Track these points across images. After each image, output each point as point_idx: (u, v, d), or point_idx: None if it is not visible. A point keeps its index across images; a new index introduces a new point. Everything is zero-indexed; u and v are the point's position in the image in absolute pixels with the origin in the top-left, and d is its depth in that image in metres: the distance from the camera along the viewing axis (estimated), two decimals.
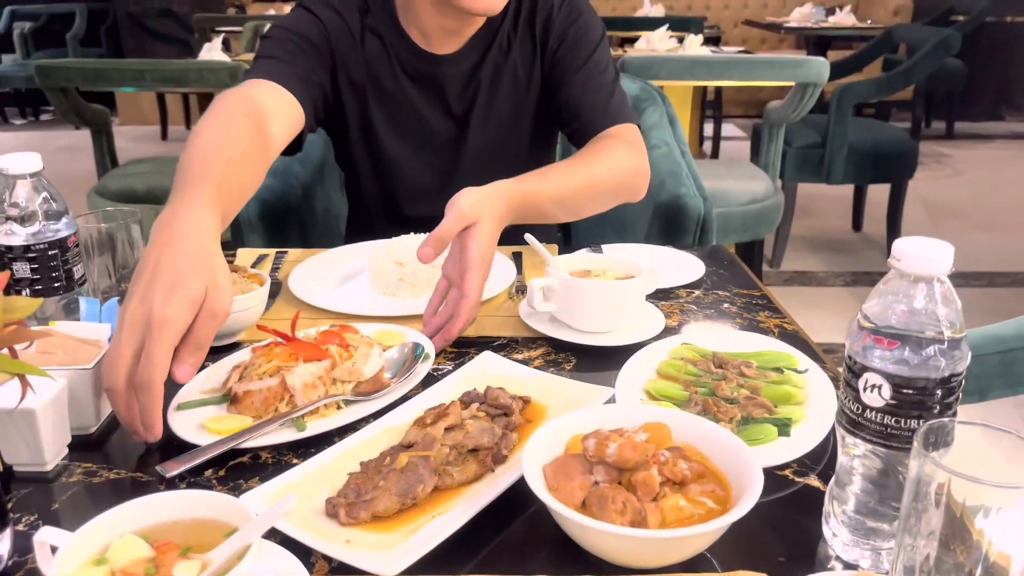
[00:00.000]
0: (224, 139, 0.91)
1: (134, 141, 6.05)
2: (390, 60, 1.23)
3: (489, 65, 1.24)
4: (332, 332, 0.84)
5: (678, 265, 1.15)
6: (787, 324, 0.99)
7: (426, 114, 1.26)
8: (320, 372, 0.77)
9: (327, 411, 0.76)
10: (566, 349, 0.92)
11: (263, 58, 1.14)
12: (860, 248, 3.77)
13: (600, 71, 1.23)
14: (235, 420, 0.74)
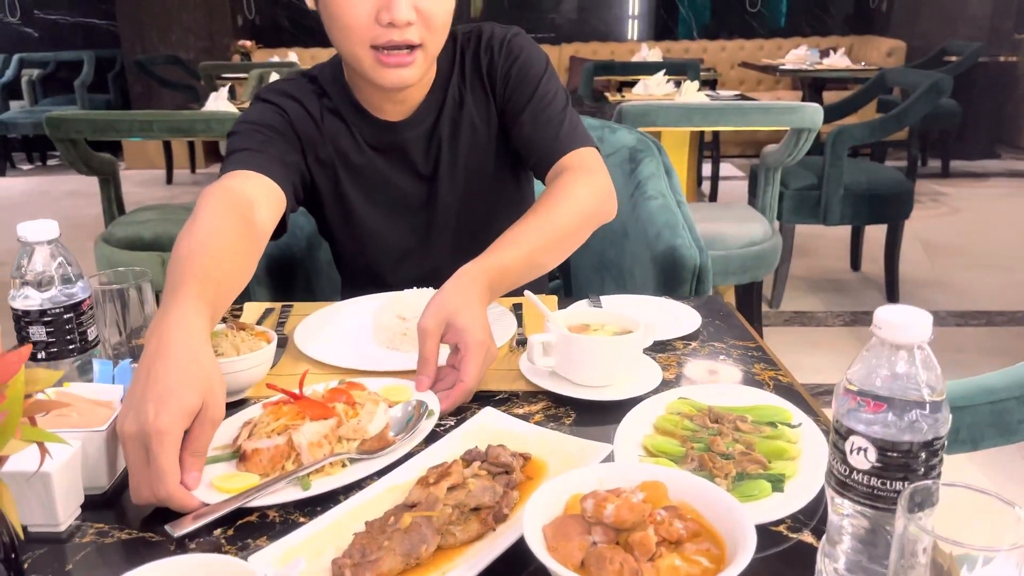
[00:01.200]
0: (209, 236, 0.94)
1: (140, 185, 6.13)
2: (352, 135, 1.27)
3: (446, 122, 1.28)
4: (339, 390, 0.88)
5: (675, 317, 1.18)
6: (782, 376, 1.01)
7: (395, 180, 1.29)
8: (326, 431, 0.80)
9: (332, 469, 0.78)
10: (566, 403, 0.94)
11: (235, 152, 1.17)
12: (859, 288, 3.80)
13: (548, 103, 1.25)
14: (243, 478, 0.76)
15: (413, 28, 1.11)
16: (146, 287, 0.99)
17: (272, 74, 4.19)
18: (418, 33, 1.12)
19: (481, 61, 1.28)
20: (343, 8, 1.10)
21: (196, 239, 0.94)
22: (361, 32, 1.11)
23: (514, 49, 1.27)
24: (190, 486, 0.72)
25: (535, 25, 7.57)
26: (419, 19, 1.11)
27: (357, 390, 0.88)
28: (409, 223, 1.33)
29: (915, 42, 6.91)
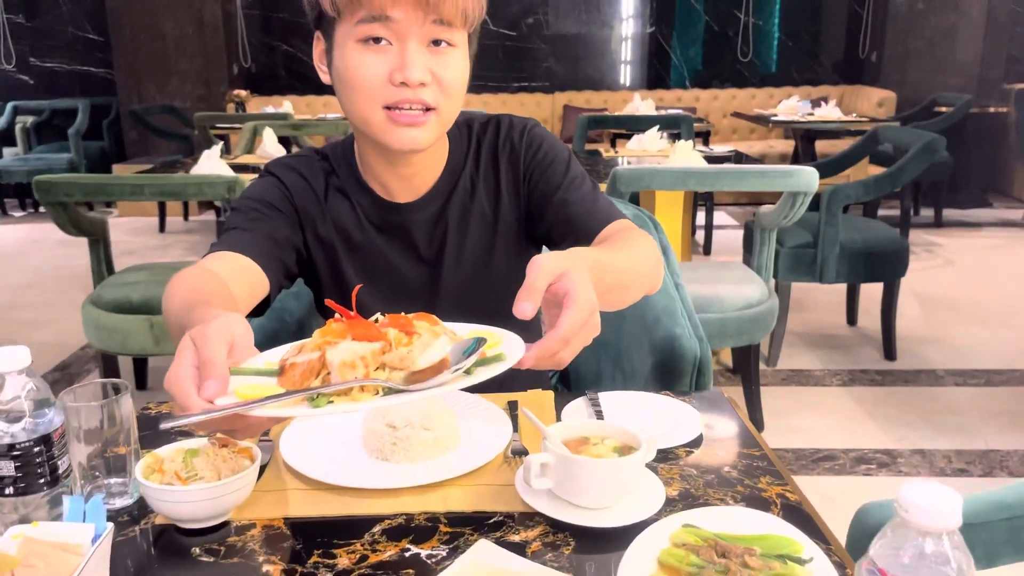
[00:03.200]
0: (196, 289, 0.99)
1: (132, 234, 6.10)
2: (356, 214, 1.25)
3: (455, 207, 1.26)
4: (399, 318, 0.81)
5: (676, 420, 1.14)
6: (789, 493, 0.97)
7: (397, 262, 1.27)
8: (365, 352, 0.73)
9: (361, 395, 0.71)
10: (564, 529, 0.89)
11: (228, 231, 1.19)
12: (856, 344, 3.77)
13: (579, 183, 1.26)
14: (267, 390, 0.73)
15: (427, 90, 1.10)
16: (124, 400, 0.95)
17: (266, 128, 4.18)
18: (432, 95, 1.11)
19: (500, 152, 1.27)
20: (356, 71, 1.09)
21: (184, 298, 0.97)
22: (374, 92, 1.10)
23: (536, 138, 1.28)
24: (207, 394, 0.69)
25: (529, 74, 7.64)
26: (433, 82, 1.10)
27: (427, 318, 0.81)
28: (409, 307, 1.29)
29: (905, 92, 6.99)
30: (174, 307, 0.96)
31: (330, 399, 0.70)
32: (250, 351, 0.75)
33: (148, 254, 5.47)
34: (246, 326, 0.76)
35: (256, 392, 0.71)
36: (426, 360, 0.72)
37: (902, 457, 2.71)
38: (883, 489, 2.51)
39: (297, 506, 0.94)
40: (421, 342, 0.75)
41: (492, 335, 0.81)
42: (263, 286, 1.15)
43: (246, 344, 0.74)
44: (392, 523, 0.91)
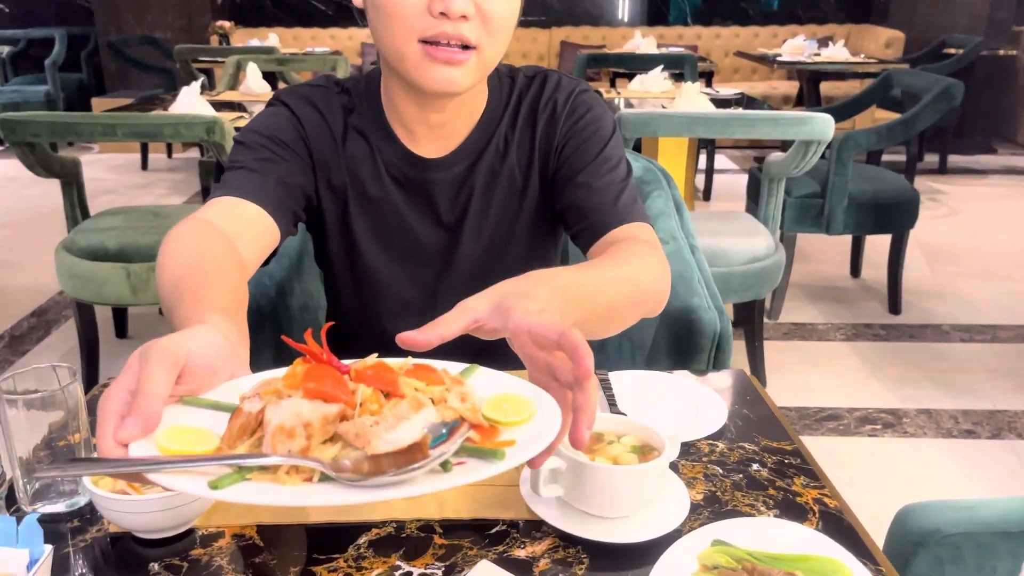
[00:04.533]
0: (193, 265, 0.84)
1: (112, 172, 5.90)
2: (375, 162, 1.11)
3: (484, 169, 1.12)
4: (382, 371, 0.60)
5: (697, 407, 1.02)
6: (828, 498, 0.86)
7: (413, 223, 1.14)
8: (312, 417, 0.54)
9: (291, 478, 0.53)
10: (576, 543, 0.79)
11: (231, 170, 1.04)
12: (859, 297, 3.67)
13: (610, 168, 1.10)
14: (203, 439, 0.57)
15: (469, 25, 0.95)
16: (74, 388, 0.83)
17: (250, 63, 3.97)
18: (474, 32, 0.95)
19: (540, 112, 1.12)
20: None
21: (179, 266, 0.84)
22: (410, 22, 0.95)
23: (581, 104, 1.12)
24: (120, 437, 0.55)
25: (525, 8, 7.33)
26: (477, 16, 0.95)
27: (425, 374, 0.62)
28: (419, 274, 1.17)
29: (913, 33, 6.76)
30: (166, 286, 0.82)
31: (247, 475, 0.53)
32: (212, 376, 0.62)
33: (129, 194, 5.28)
34: (215, 343, 0.63)
35: (185, 440, 0.56)
36: (391, 441, 0.53)
37: (908, 417, 2.64)
38: (890, 452, 2.44)
39: (272, 510, 0.83)
40: (396, 411, 0.56)
41: (523, 402, 0.61)
42: (273, 239, 1.02)
43: (205, 367, 0.61)
44: (380, 532, 0.81)
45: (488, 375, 0.66)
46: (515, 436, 0.57)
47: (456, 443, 0.54)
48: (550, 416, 0.59)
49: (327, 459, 0.53)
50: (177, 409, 0.59)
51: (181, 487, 0.51)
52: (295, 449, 0.53)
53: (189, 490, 0.50)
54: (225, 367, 0.63)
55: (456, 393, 0.60)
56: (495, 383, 0.64)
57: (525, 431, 0.58)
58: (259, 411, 0.56)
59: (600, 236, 1.06)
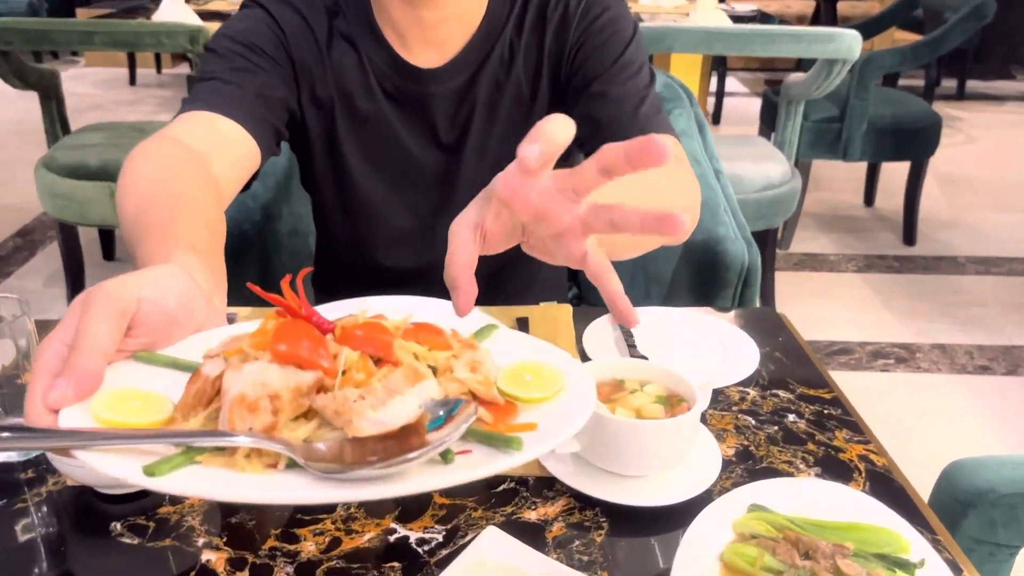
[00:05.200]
0: (157, 192, 0.73)
1: (99, 87, 5.67)
2: (364, 72, 0.98)
3: (486, 81, 0.99)
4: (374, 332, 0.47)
5: (724, 347, 0.93)
6: (874, 455, 0.77)
7: (408, 143, 1.02)
8: (281, 387, 0.43)
9: (250, 463, 0.42)
10: (594, 505, 0.70)
11: (204, 80, 0.91)
12: (873, 226, 3.55)
13: (631, 74, 0.98)
14: (153, 405, 0.46)
15: None
16: (22, 322, 0.73)
17: None
18: None
19: (550, 13, 0.98)
20: None
21: (144, 190, 0.73)
22: None
23: (597, 4, 0.98)
24: (49, 401, 0.44)
25: None
26: None
27: (429, 338, 0.50)
28: (416, 200, 1.05)
29: None
30: (128, 218, 0.71)
31: (196, 457, 0.42)
32: (172, 327, 0.51)
33: (116, 110, 5.08)
34: (177, 287, 0.52)
35: (128, 408, 0.45)
36: (378, 421, 0.42)
37: (921, 352, 2.56)
38: (903, 388, 2.37)
39: None
40: (387, 383, 0.45)
41: (549, 374, 0.50)
42: (253, 160, 0.90)
43: (162, 316, 0.50)
44: None
45: (509, 338, 0.55)
46: (537, 418, 0.46)
47: (460, 427, 0.42)
48: (583, 393, 0.48)
49: (297, 440, 0.42)
50: (126, 368, 0.48)
51: (110, 470, 0.40)
52: (257, 426, 0.42)
53: (117, 474, 0.40)
54: (190, 316, 0.52)
55: (466, 361, 0.48)
56: (517, 348, 0.53)
57: (550, 411, 0.47)
58: (217, 376, 0.45)
59: None
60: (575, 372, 0.50)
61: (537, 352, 0.53)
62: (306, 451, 0.41)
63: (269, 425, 0.42)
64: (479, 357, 0.49)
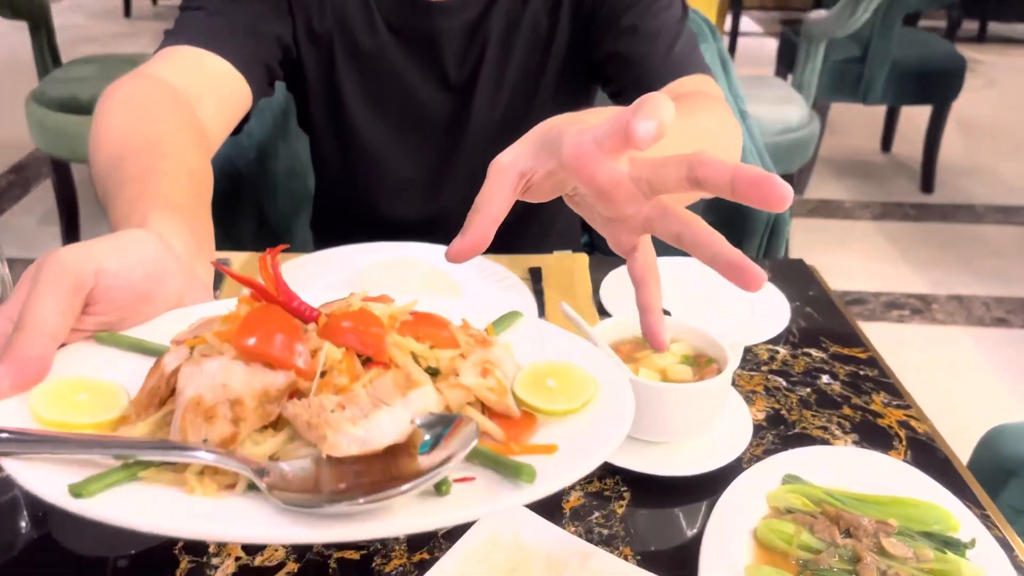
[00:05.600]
0: (133, 143, 0.65)
1: (93, 18, 5.51)
2: (366, 5, 0.90)
3: (499, 16, 0.91)
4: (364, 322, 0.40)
5: (751, 303, 0.86)
6: (915, 421, 0.71)
7: (414, 84, 0.94)
8: (247, 392, 0.36)
9: (203, 484, 0.35)
10: (615, 473, 0.64)
11: (189, 10, 0.83)
12: (890, 173, 3.45)
13: (664, 6, 0.89)
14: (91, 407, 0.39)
15: None
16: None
17: None
18: None
19: None
20: None
21: (119, 138, 0.66)
22: None
23: None
24: None
25: None
26: None
27: (432, 331, 0.42)
28: (421, 147, 0.98)
29: None
30: (101, 169, 0.64)
31: (139, 473, 0.35)
32: (141, 303, 0.45)
33: (110, 43, 4.93)
34: (147, 257, 0.45)
35: (73, 405, 0.38)
36: (360, 438, 0.35)
37: (937, 303, 2.50)
38: (918, 339, 2.31)
39: None
40: (375, 389, 0.37)
41: (578, 379, 0.42)
42: (243, 102, 0.83)
43: (127, 291, 0.44)
44: None
45: (535, 330, 0.47)
46: (559, 436, 0.38)
47: (459, 454, 0.34)
48: (619, 405, 0.40)
49: (261, 458, 0.35)
50: (82, 351, 0.42)
51: (32, 485, 0.33)
52: (214, 438, 0.35)
53: (40, 492, 0.33)
54: (163, 291, 0.46)
55: (476, 361, 0.40)
56: (545, 343, 0.46)
57: (576, 428, 0.39)
58: (174, 371, 0.38)
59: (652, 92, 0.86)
60: (610, 378, 0.42)
61: (567, 349, 0.45)
62: (271, 474, 0.34)
63: (228, 437, 0.35)
64: (493, 356, 0.42)
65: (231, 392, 0.36)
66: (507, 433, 0.39)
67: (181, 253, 0.49)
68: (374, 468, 0.34)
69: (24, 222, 2.79)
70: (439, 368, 0.40)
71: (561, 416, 0.40)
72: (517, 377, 0.42)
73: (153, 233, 0.48)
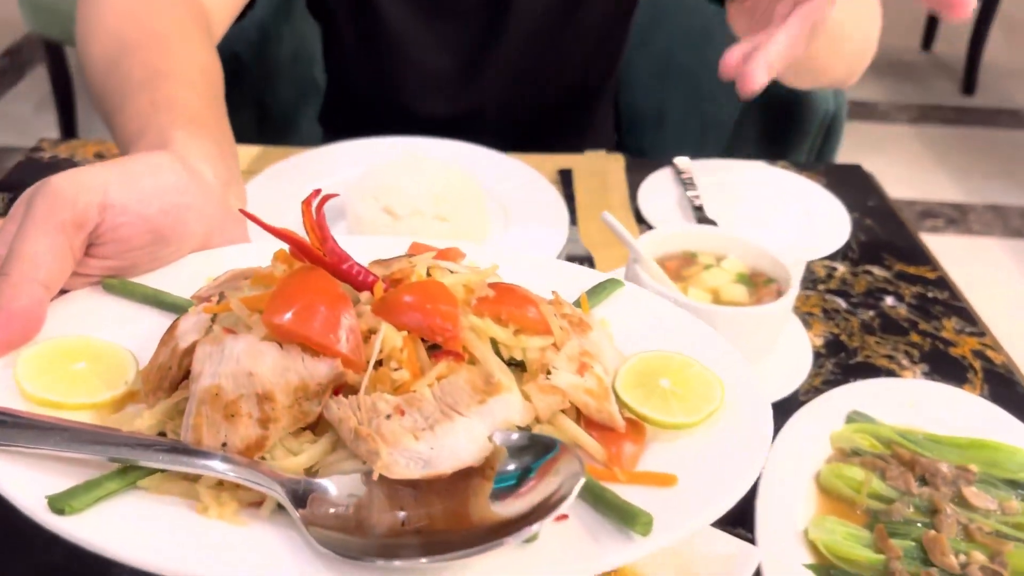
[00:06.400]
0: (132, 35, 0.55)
1: None
2: None
3: None
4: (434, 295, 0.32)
5: (809, 215, 0.77)
6: (991, 350, 0.64)
7: None
8: (280, 384, 0.29)
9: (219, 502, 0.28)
10: None
11: None
12: (929, 73, 3.27)
13: None
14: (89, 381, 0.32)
15: None
16: None
17: None
18: None
19: None
20: None
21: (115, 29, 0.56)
22: None
23: None
24: None
25: None
26: None
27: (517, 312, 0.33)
28: (454, 32, 0.87)
29: None
30: (96, 69, 0.55)
31: (139, 481, 0.28)
32: (158, 244, 0.37)
33: None
34: (169, 186, 0.37)
35: (66, 376, 0.31)
36: (423, 457, 0.27)
37: (974, 213, 2.39)
38: (953, 252, 2.22)
39: None
40: (445, 391, 0.29)
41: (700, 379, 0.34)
42: None
43: (141, 229, 0.36)
44: None
45: (640, 303, 0.39)
46: (675, 460, 0.30)
47: (557, 498, 0.26)
48: (750, 420, 0.31)
49: (294, 470, 0.28)
50: (83, 303, 0.34)
51: (8, 490, 0.26)
52: (236, 442, 0.28)
53: (12, 498, 0.26)
54: (185, 229, 0.38)
55: (572, 352, 0.32)
56: (652, 321, 0.37)
57: (697, 450, 0.31)
58: (188, 348, 0.30)
59: None
60: (739, 378, 0.33)
61: (682, 334, 0.36)
62: (307, 500, 0.27)
63: (254, 442, 0.28)
64: (591, 345, 0.33)
65: (259, 384, 0.28)
66: (608, 451, 0.30)
67: (210, 181, 0.41)
68: (439, 495, 0.27)
69: (20, 109, 2.68)
70: (525, 361, 0.32)
71: (677, 429, 0.32)
72: (620, 371, 0.34)
73: (176, 157, 0.39)
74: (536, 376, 0.31)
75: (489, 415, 0.28)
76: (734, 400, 0.32)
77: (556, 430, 0.31)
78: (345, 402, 0.28)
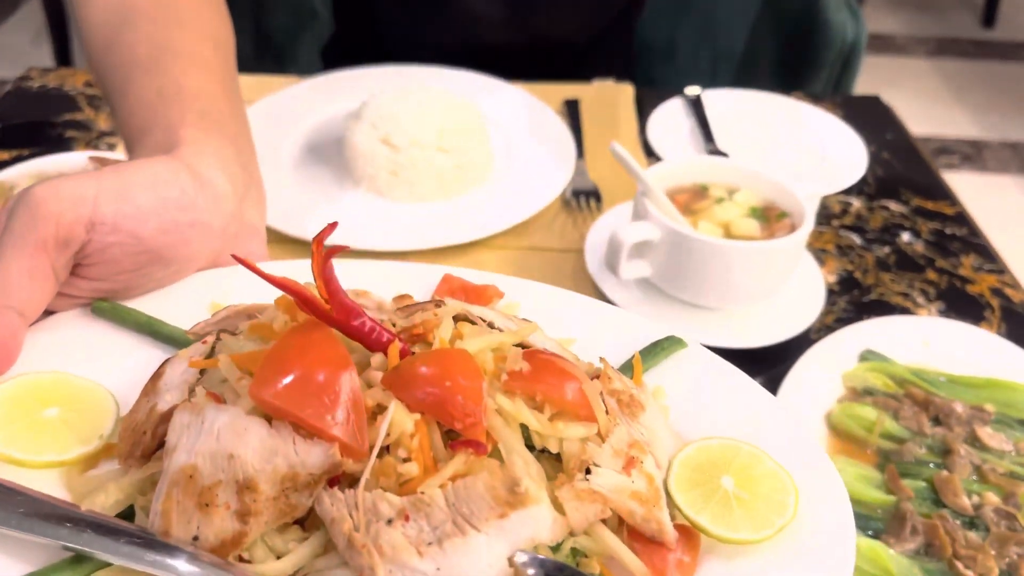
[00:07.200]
0: None
1: None
2: None
3: None
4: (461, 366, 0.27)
5: (824, 148, 0.74)
6: (1009, 288, 0.62)
7: None
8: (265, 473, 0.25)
9: None
10: None
11: None
12: (948, 4, 3.16)
13: None
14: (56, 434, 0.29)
15: None
16: None
17: None
18: None
19: None
20: None
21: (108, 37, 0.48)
22: None
23: None
24: None
25: None
26: None
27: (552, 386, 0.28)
28: None
29: None
30: (96, 33, 0.48)
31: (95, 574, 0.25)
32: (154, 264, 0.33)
33: None
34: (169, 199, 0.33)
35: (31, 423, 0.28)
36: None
37: (989, 149, 2.34)
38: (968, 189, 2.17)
39: None
40: (457, 498, 0.24)
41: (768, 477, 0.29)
42: None
43: (136, 248, 0.32)
44: None
45: (701, 365, 0.33)
46: None
47: None
48: (829, 539, 0.27)
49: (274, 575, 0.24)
50: (70, 328, 0.31)
51: None
52: (209, 536, 0.24)
53: None
54: (187, 250, 0.34)
55: (617, 446, 0.27)
56: (711, 395, 0.32)
57: (763, 570, 0.26)
58: (164, 413, 0.27)
59: None
60: (819, 479, 0.28)
61: (751, 411, 0.31)
62: None
63: (230, 538, 0.24)
64: (643, 431, 0.28)
65: (241, 469, 0.25)
66: (654, 567, 0.26)
67: (223, 192, 0.36)
68: None
69: (15, 40, 2.62)
70: (562, 455, 0.27)
71: (741, 545, 0.27)
72: (675, 462, 0.29)
73: (183, 165, 0.34)
74: (573, 476, 0.26)
75: (511, 532, 0.23)
76: (810, 511, 0.27)
77: (592, 542, 0.26)
78: (340, 498, 0.24)
